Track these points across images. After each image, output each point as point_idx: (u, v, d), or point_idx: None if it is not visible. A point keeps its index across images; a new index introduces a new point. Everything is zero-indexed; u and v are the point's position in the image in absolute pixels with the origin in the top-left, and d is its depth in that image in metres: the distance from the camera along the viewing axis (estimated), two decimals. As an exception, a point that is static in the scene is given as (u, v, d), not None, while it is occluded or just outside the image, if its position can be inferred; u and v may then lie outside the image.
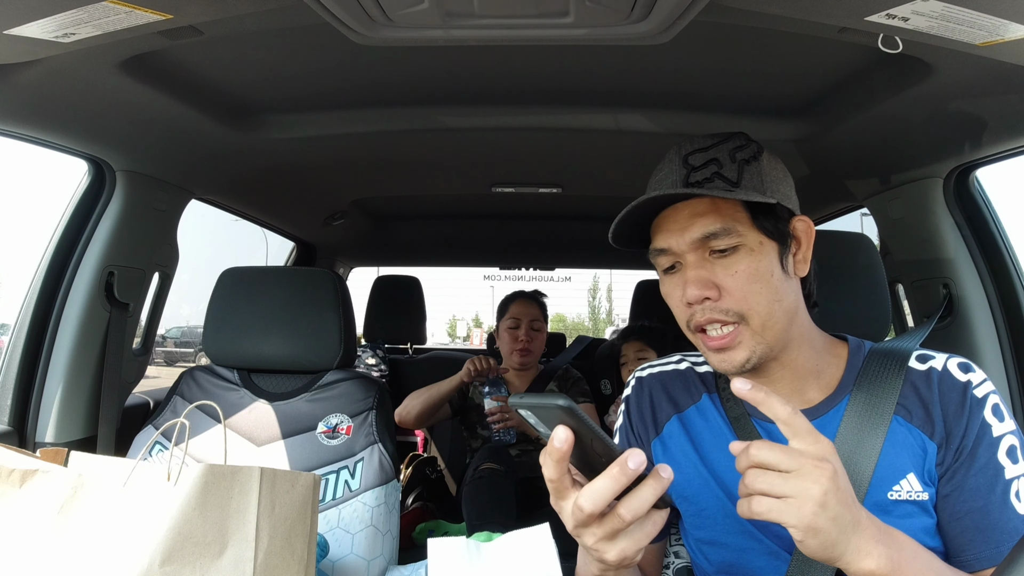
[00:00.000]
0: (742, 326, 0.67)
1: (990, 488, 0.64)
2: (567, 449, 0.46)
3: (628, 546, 0.49)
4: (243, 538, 0.68)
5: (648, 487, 0.46)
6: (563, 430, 0.46)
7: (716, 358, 0.69)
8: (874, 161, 1.28)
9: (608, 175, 1.60)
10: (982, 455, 0.65)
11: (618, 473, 0.45)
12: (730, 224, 0.66)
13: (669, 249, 0.70)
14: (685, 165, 0.70)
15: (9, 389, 1.21)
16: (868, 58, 0.94)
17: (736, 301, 0.66)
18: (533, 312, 1.93)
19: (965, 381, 0.68)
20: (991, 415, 0.66)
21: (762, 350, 0.67)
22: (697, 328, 0.69)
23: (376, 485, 1.13)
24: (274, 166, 1.46)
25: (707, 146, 0.70)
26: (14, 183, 38.46)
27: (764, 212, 0.68)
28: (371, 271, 3.06)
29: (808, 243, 0.72)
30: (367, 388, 1.23)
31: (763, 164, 0.69)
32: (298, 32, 0.90)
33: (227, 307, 1.26)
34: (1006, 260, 1.24)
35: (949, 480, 0.66)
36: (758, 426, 0.73)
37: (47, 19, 0.70)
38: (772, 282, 0.67)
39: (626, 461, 0.45)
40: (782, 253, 0.69)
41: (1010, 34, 0.69)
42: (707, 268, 0.67)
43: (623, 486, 0.46)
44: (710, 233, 0.67)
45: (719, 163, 0.68)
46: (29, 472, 0.69)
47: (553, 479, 0.48)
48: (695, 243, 0.68)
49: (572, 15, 0.69)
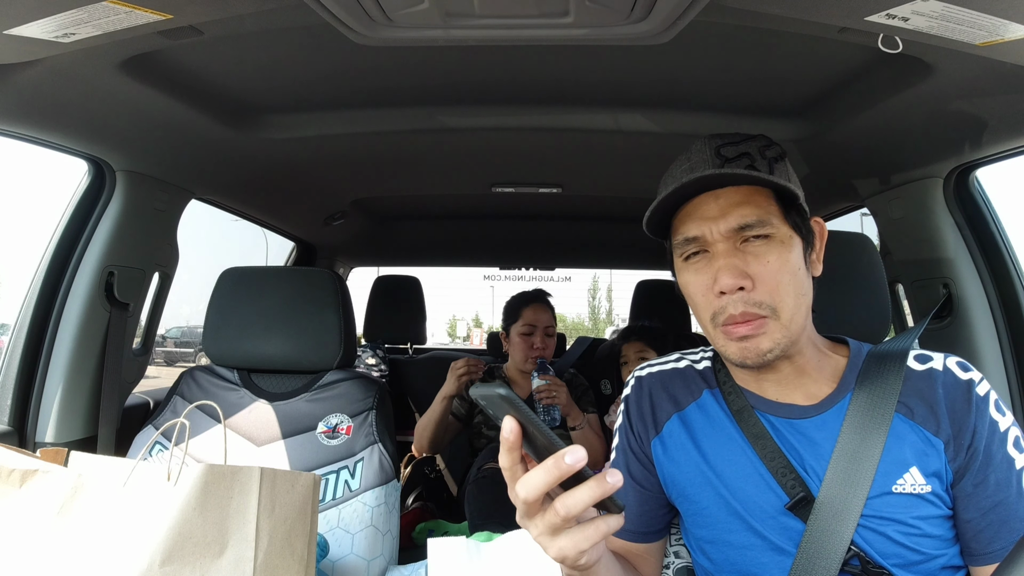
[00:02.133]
0: (771, 319, 0.67)
1: (1007, 482, 0.66)
2: (514, 439, 0.47)
3: (567, 545, 0.49)
4: (243, 538, 0.68)
5: (587, 487, 0.46)
6: (509, 420, 0.47)
7: (737, 347, 0.68)
8: (874, 161, 1.28)
9: (608, 175, 1.60)
10: (996, 451, 0.67)
11: (552, 465, 0.45)
12: (765, 216, 0.67)
13: (701, 237, 0.69)
14: (718, 155, 0.70)
15: (9, 389, 1.21)
16: (868, 58, 0.94)
17: (768, 292, 0.66)
18: (547, 318, 1.85)
19: (967, 380, 0.70)
20: (995, 411, 0.68)
21: (785, 343, 0.68)
22: (731, 321, 0.68)
23: (376, 485, 1.13)
24: (274, 166, 1.46)
25: (737, 141, 0.71)
26: (14, 183, 38.47)
27: (795, 207, 0.69)
28: (371, 271, 3.06)
29: (822, 244, 0.74)
30: (367, 388, 1.23)
31: (787, 164, 0.72)
32: (298, 32, 0.89)
33: (227, 307, 1.26)
34: (1006, 260, 1.24)
35: (972, 478, 0.67)
36: (761, 418, 0.73)
37: (47, 19, 0.70)
38: (799, 276, 0.68)
39: (563, 456, 0.45)
40: (806, 250, 0.71)
41: (1010, 34, 0.69)
42: (740, 257, 0.68)
43: (556, 479, 0.46)
44: (747, 223, 0.67)
45: (751, 157, 0.69)
46: (29, 472, 0.69)
47: (506, 467, 0.49)
48: (730, 232, 0.68)
49: (572, 15, 0.69)
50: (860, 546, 0.67)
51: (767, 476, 0.71)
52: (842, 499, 0.66)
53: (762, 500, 0.71)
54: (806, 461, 0.70)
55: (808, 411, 0.72)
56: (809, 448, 0.71)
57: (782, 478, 0.70)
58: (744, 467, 0.73)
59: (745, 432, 0.73)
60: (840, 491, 0.67)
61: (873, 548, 0.67)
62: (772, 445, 0.71)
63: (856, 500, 0.66)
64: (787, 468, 0.70)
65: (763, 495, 0.71)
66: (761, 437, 0.72)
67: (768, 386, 0.75)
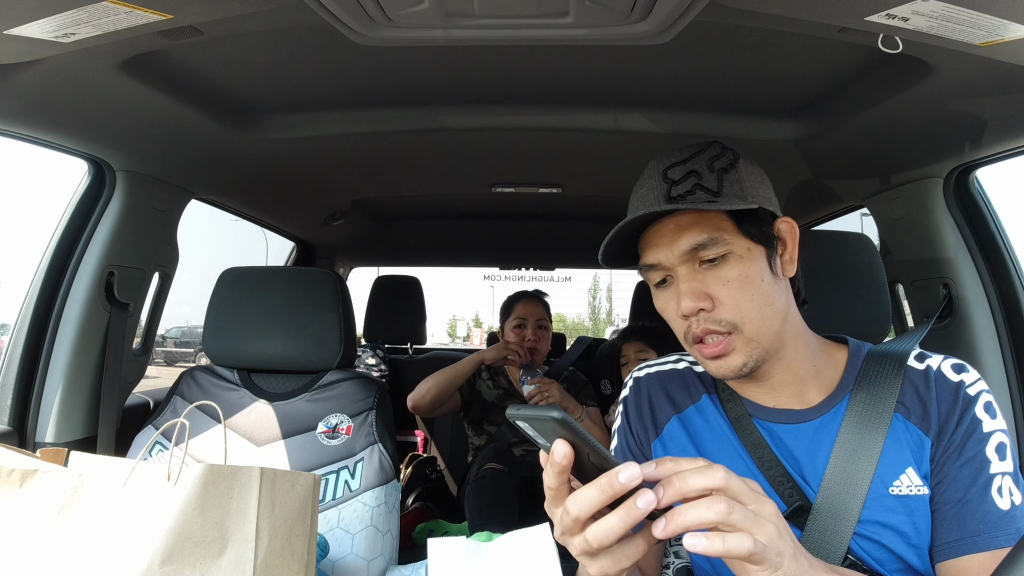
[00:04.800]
0: (735, 335, 0.68)
1: (973, 480, 0.65)
2: (567, 464, 0.46)
3: (608, 564, 0.49)
4: (243, 538, 0.68)
5: (616, 516, 0.45)
6: (562, 444, 0.46)
7: (713, 365, 0.70)
8: (874, 161, 1.28)
9: (608, 175, 1.60)
10: (970, 448, 0.66)
11: (606, 484, 0.45)
12: (716, 233, 0.67)
13: (659, 264, 0.70)
14: (665, 180, 0.70)
15: (9, 389, 1.21)
16: (868, 58, 0.94)
17: (729, 311, 0.67)
18: (538, 311, 1.93)
19: (958, 381, 0.70)
20: (983, 411, 0.68)
21: (758, 354, 0.68)
22: (695, 340, 0.70)
23: (376, 485, 1.13)
24: (274, 166, 1.46)
25: (684, 159, 0.70)
26: (14, 183, 38.47)
27: (748, 218, 0.68)
28: (371, 271, 3.06)
29: (793, 243, 0.73)
30: (367, 388, 1.23)
31: (741, 171, 0.70)
32: (298, 32, 0.89)
33: (227, 307, 1.26)
34: (1006, 260, 1.24)
35: (938, 471, 0.67)
36: (759, 425, 0.73)
37: (47, 19, 0.70)
38: (763, 287, 0.68)
39: (616, 474, 0.45)
40: (770, 256, 0.70)
41: (1010, 34, 0.69)
42: (699, 279, 0.68)
43: (610, 498, 0.45)
44: (698, 244, 0.67)
45: (698, 174, 0.69)
46: (29, 472, 0.69)
47: (552, 487, 0.49)
48: (684, 255, 0.68)
49: (572, 15, 0.69)
50: (857, 554, 0.67)
51: (764, 485, 0.71)
52: (840, 502, 0.66)
53: None
54: (803, 468, 0.70)
55: (806, 415, 0.72)
56: (806, 454, 0.71)
57: (779, 487, 0.70)
58: (742, 474, 0.72)
59: (743, 440, 0.73)
60: (838, 494, 0.67)
61: (870, 556, 0.67)
62: (769, 454, 0.71)
63: (854, 503, 0.66)
64: (784, 477, 0.70)
65: None
66: (758, 446, 0.72)
67: (762, 393, 0.75)
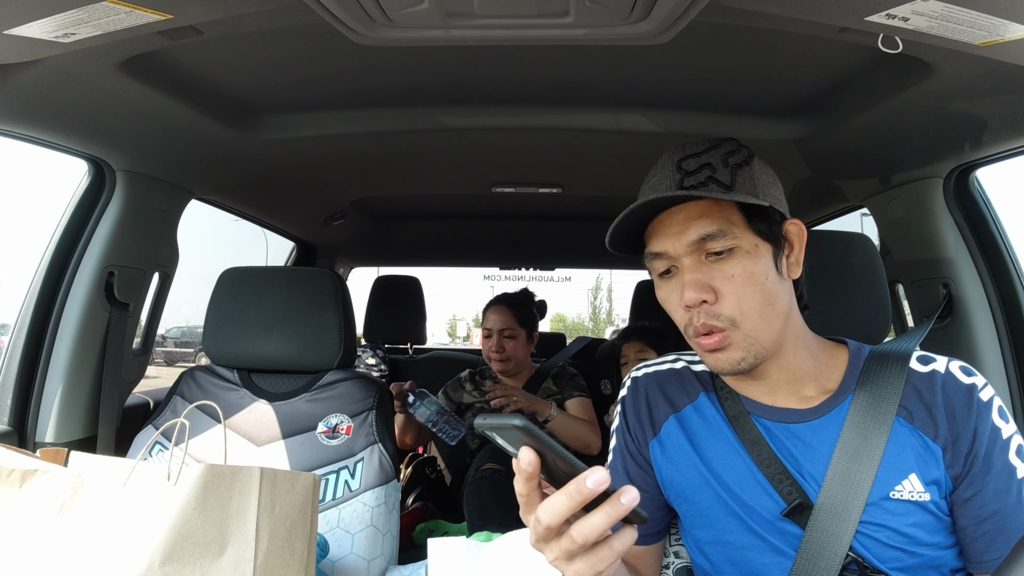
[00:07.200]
0: (732, 331, 0.68)
1: (1007, 490, 0.65)
2: (533, 471, 0.47)
3: (583, 568, 0.48)
4: (243, 538, 0.68)
5: (602, 512, 0.46)
6: (527, 452, 0.46)
7: (711, 358, 0.70)
8: (874, 161, 1.28)
9: (608, 175, 1.60)
10: (997, 459, 0.66)
11: (575, 491, 0.45)
12: (726, 226, 0.67)
13: (665, 253, 0.70)
14: (679, 170, 0.70)
15: (9, 389, 1.21)
16: (868, 58, 0.94)
17: (730, 305, 0.67)
18: (504, 321, 1.91)
19: (970, 384, 0.69)
20: (999, 418, 0.67)
21: (756, 351, 0.68)
22: (697, 333, 0.70)
23: (376, 485, 1.13)
24: (274, 166, 1.46)
25: (700, 151, 0.71)
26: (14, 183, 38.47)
27: (758, 214, 0.69)
28: (371, 271, 3.06)
29: (800, 246, 0.73)
30: (367, 388, 1.23)
31: (755, 168, 0.70)
32: (298, 32, 0.89)
33: (227, 307, 1.26)
34: (1006, 260, 1.23)
35: (969, 485, 0.66)
36: (757, 423, 0.73)
37: (47, 19, 0.70)
38: (767, 285, 0.68)
39: (584, 479, 0.45)
40: (776, 256, 0.70)
41: (1010, 34, 0.69)
42: (704, 271, 0.68)
43: (579, 504, 0.45)
44: (706, 235, 0.67)
45: (712, 167, 0.69)
46: (29, 472, 0.70)
47: (523, 494, 0.49)
48: (692, 246, 0.68)
49: (572, 15, 0.69)
50: (858, 551, 0.67)
51: (764, 482, 0.71)
52: (841, 503, 0.66)
53: (760, 505, 0.71)
54: (803, 466, 0.70)
55: (805, 415, 0.72)
56: (806, 453, 0.70)
57: (778, 484, 0.70)
58: (741, 472, 0.73)
59: (741, 437, 0.73)
60: (839, 495, 0.67)
61: (871, 553, 0.67)
62: (768, 451, 0.71)
63: (855, 504, 0.66)
64: (783, 474, 0.70)
65: (761, 500, 0.71)
66: (757, 443, 0.72)
67: (760, 391, 0.75)
